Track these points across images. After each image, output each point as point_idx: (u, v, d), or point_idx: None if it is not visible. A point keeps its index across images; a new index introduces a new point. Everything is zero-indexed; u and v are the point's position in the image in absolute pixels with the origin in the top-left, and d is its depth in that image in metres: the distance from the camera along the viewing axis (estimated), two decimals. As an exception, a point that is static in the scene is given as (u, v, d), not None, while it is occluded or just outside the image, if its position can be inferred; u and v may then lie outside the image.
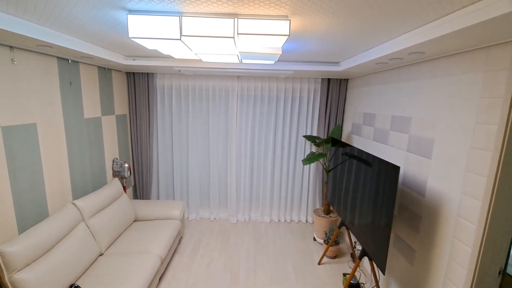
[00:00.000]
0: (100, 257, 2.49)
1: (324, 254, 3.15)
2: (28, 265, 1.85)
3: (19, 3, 1.40)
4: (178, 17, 1.48)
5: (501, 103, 1.45)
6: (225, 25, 1.48)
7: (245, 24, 1.50)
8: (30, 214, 2.17)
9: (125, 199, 3.17)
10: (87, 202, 2.57)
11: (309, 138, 3.83)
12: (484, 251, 1.59)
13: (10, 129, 1.99)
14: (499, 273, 1.66)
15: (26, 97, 2.13)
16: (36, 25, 1.77)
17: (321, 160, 3.91)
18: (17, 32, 1.64)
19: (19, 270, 1.78)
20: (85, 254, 2.28)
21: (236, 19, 1.49)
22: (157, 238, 2.80)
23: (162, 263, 2.68)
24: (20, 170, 2.08)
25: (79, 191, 2.79)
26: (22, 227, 2.10)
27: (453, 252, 1.77)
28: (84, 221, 2.49)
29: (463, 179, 1.69)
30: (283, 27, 1.49)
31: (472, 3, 1.21)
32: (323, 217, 3.57)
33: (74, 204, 2.48)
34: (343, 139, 3.87)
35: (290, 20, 1.50)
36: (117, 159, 3.52)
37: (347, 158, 2.77)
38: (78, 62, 2.74)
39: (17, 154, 2.05)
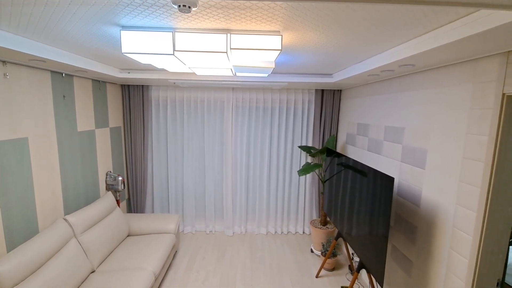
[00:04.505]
0: (91, 274, 2.42)
1: (321, 267, 3.10)
2: (16, 284, 1.78)
3: (12, 19, 1.41)
4: (171, 33, 1.49)
5: (491, 114, 1.47)
6: (218, 40, 1.49)
7: (237, 39, 1.52)
8: (19, 231, 2.11)
9: (119, 213, 3.11)
10: (79, 217, 2.52)
11: (305, 148, 3.84)
12: (481, 262, 1.57)
13: (0, 144, 1.96)
14: (497, 284, 1.64)
15: (18, 111, 2.11)
16: (29, 40, 1.77)
17: (316, 170, 3.90)
18: (9, 48, 1.64)
19: (6, 291, 1.72)
20: (76, 272, 2.21)
21: (228, 34, 1.51)
22: (151, 253, 2.73)
23: (156, 280, 2.61)
24: (10, 186, 2.04)
25: (71, 206, 2.73)
26: (11, 245, 2.04)
27: (450, 264, 1.75)
28: (75, 237, 2.43)
29: (457, 189, 1.70)
30: (275, 41, 1.51)
31: (458, 19, 1.24)
32: (320, 228, 3.54)
33: (65, 219, 2.43)
34: (338, 149, 3.88)
35: (282, 35, 1.53)
36: (110, 172, 3.48)
37: (343, 168, 2.77)
38: (72, 75, 2.73)
39: (6, 169, 2.01)
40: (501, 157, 1.46)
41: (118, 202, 3.59)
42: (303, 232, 4.26)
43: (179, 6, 1.10)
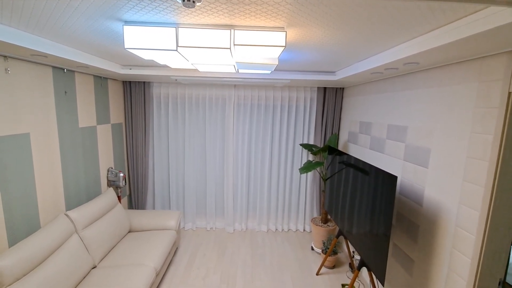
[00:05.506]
0: (93, 270, 2.42)
1: (322, 264, 3.10)
2: (18, 279, 1.79)
3: (14, 13, 1.39)
4: (175, 28, 1.48)
5: (496, 113, 1.46)
6: (222, 36, 1.48)
7: (241, 35, 1.50)
8: (21, 226, 2.11)
9: (120, 209, 3.11)
10: (80, 213, 2.52)
11: (306, 146, 3.83)
12: (484, 261, 1.57)
13: (2, 139, 1.96)
14: (499, 284, 1.64)
15: (20, 106, 2.10)
16: (31, 35, 1.76)
17: (318, 168, 3.90)
18: (11, 42, 1.62)
19: (9, 285, 1.72)
20: (77, 267, 2.22)
21: (232, 30, 1.49)
22: (152, 249, 2.74)
23: (157, 276, 2.61)
24: (11, 181, 2.03)
25: (72, 202, 2.74)
26: (13, 240, 2.04)
27: (452, 263, 1.75)
28: (77, 233, 2.43)
29: (461, 188, 1.69)
30: (279, 38, 1.50)
31: (466, 16, 1.23)
32: (321, 226, 3.54)
33: (67, 215, 2.43)
34: (340, 148, 3.87)
35: (286, 32, 1.51)
36: (112, 168, 3.48)
37: (344, 166, 2.76)
38: (73, 71, 2.72)
39: (8, 164, 2.01)
40: (506, 156, 1.45)
41: (119, 198, 3.60)
42: (304, 230, 4.26)
43: (183, 0, 1.08)
